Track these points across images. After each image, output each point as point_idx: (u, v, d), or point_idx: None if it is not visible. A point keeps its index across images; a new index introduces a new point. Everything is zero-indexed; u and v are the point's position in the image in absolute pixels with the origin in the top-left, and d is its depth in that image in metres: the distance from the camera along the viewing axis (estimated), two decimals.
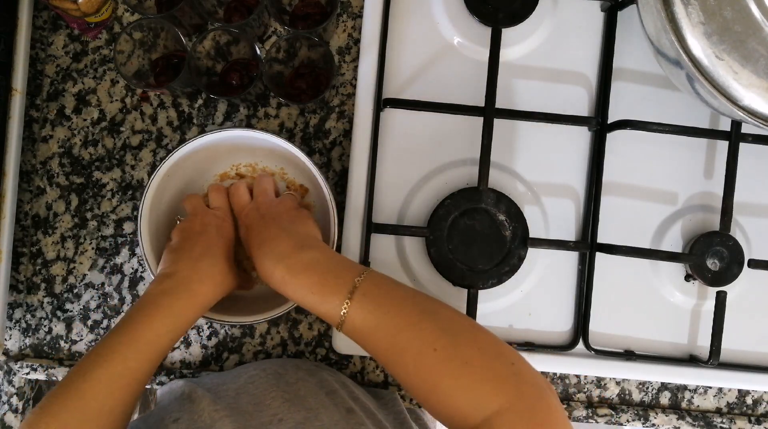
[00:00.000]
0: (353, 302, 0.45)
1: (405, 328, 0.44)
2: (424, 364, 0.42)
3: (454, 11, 0.64)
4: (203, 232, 0.54)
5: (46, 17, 0.65)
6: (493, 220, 0.61)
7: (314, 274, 0.47)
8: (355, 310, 0.45)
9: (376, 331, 0.45)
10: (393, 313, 0.45)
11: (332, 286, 0.46)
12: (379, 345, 0.45)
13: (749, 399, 0.67)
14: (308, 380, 0.54)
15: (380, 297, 0.46)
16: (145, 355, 0.46)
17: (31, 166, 0.65)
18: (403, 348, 0.44)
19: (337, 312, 0.45)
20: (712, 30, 0.48)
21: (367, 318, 0.45)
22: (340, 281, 0.47)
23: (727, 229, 0.62)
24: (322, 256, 0.49)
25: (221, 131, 0.57)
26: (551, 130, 0.64)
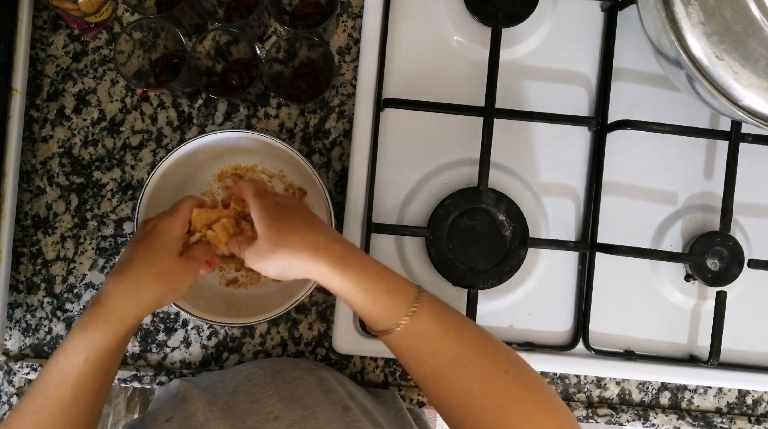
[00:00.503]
0: (423, 303, 0.43)
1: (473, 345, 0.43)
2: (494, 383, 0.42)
3: (454, 11, 0.64)
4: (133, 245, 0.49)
5: (46, 17, 0.65)
6: (493, 220, 0.61)
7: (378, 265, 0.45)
8: (425, 311, 0.43)
9: (443, 340, 0.43)
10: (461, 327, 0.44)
11: (400, 281, 0.45)
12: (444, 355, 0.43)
13: (749, 399, 0.67)
14: (306, 378, 0.53)
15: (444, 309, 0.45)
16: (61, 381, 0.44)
17: (31, 166, 0.65)
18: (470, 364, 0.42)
19: (404, 309, 0.43)
20: (712, 30, 0.48)
21: (436, 324, 0.43)
22: (405, 281, 0.45)
23: (727, 229, 0.62)
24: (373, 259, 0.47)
25: (220, 132, 0.56)
26: (551, 130, 0.64)
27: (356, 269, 0.44)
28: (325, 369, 0.58)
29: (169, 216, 0.50)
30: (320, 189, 0.56)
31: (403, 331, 0.43)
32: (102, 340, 0.45)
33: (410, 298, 0.43)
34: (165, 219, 0.50)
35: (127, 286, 0.46)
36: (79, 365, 0.44)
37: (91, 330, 0.45)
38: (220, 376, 0.55)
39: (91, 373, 0.45)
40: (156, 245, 0.48)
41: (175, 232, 0.50)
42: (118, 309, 0.46)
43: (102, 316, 0.45)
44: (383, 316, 0.44)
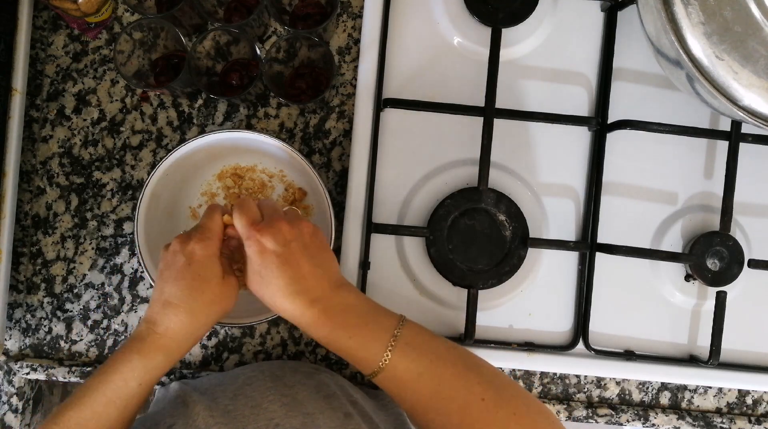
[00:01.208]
0: (396, 350, 0.45)
1: (450, 378, 0.44)
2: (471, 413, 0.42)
3: (454, 11, 0.64)
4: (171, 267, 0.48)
5: (46, 17, 0.65)
6: (493, 220, 0.61)
7: (352, 318, 0.47)
8: (398, 357, 0.45)
9: (418, 381, 0.44)
10: (437, 363, 0.45)
11: (372, 331, 0.46)
12: (422, 394, 0.44)
13: (749, 399, 0.67)
14: (306, 383, 0.53)
15: (422, 346, 0.46)
16: (112, 400, 0.45)
17: (31, 166, 0.65)
18: (448, 397, 0.43)
19: (377, 359, 0.45)
20: (712, 30, 0.48)
21: (410, 366, 0.44)
22: (380, 326, 0.46)
23: (727, 229, 0.62)
24: (358, 298, 0.48)
25: (220, 132, 0.56)
26: (551, 130, 0.64)
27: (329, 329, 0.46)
28: (325, 372, 0.58)
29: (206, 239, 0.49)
30: (320, 189, 0.56)
31: (382, 377, 0.45)
32: (158, 368, 0.47)
33: (382, 346, 0.45)
34: (203, 244, 0.48)
35: (183, 319, 0.47)
36: (132, 388, 0.46)
37: (149, 358, 0.46)
38: (219, 380, 0.55)
39: (140, 396, 0.47)
40: (203, 273, 0.48)
41: (217, 256, 0.49)
42: (177, 339, 0.47)
43: (161, 345, 0.47)
44: (360, 366, 0.46)
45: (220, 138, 0.57)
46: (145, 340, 0.47)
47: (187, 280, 0.48)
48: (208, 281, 0.48)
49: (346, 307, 0.47)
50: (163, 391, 0.57)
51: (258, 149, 0.60)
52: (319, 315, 0.46)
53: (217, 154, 0.61)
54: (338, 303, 0.47)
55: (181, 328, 0.47)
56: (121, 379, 0.46)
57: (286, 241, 0.47)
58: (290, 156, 0.57)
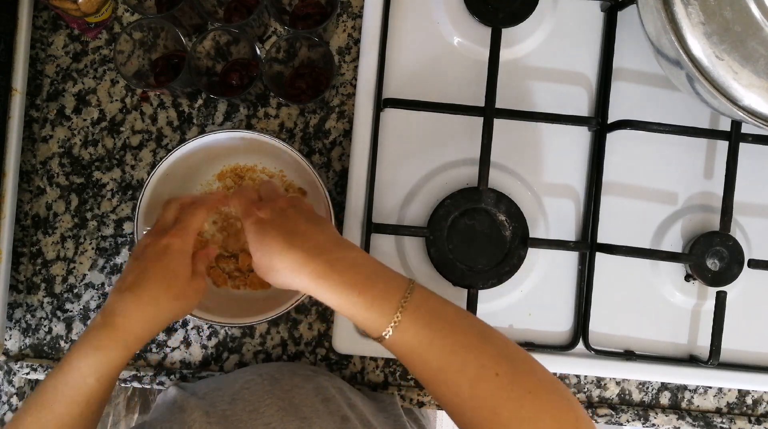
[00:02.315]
0: (407, 312, 0.42)
1: (462, 348, 0.41)
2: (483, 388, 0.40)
3: (454, 11, 0.64)
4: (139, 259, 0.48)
5: (46, 17, 0.65)
6: (493, 220, 0.61)
7: (360, 274, 0.43)
8: (408, 321, 0.42)
9: (429, 348, 0.42)
10: (449, 330, 0.42)
11: (382, 290, 0.43)
12: (431, 363, 0.42)
13: (749, 399, 0.67)
14: (304, 386, 0.53)
15: (434, 310, 0.43)
16: (72, 398, 0.44)
17: (31, 166, 0.65)
18: (459, 369, 0.41)
19: (386, 320, 0.42)
20: (712, 30, 0.48)
21: (421, 332, 0.42)
22: (390, 286, 0.43)
23: (727, 229, 0.62)
24: (365, 256, 0.46)
25: (220, 132, 0.56)
26: (551, 130, 0.64)
27: (336, 283, 0.43)
28: (323, 375, 0.57)
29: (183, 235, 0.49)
30: (320, 189, 0.56)
31: (391, 340, 0.42)
32: (117, 361, 0.45)
33: (393, 306, 0.42)
34: (178, 240, 0.49)
35: (145, 309, 0.46)
36: (91, 384, 0.44)
37: (106, 350, 0.45)
38: (217, 384, 0.55)
39: (101, 392, 0.45)
40: (173, 266, 0.48)
41: (190, 252, 0.49)
42: (136, 330, 0.46)
43: (119, 337, 0.45)
44: (369, 327, 0.43)
45: (220, 138, 0.57)
46: (101, 333, 0.45)
47: (157, 272, 0.47)
48: (177, 277, 0.48)
49: (353, 262, 0.44)
50: (162, 396, 0.57)
51: (258, 149, 0.60)
52: (324, 267, 0.43)
53: (216, 154, 0.61)
54: (343, 257, 0.44)
55: (141, 319, 0.46)
56: (79, 377, 0.44)
57: (281, 208, 0.47)
58: (290, 156, 0.57)
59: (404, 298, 0.42)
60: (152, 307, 0.46)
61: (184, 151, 0.56)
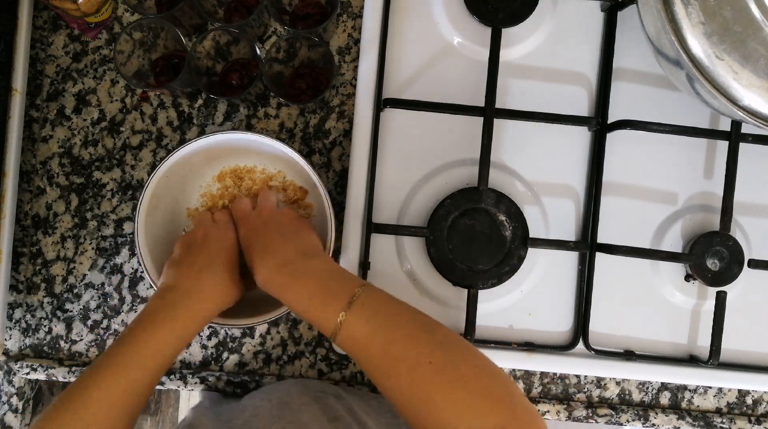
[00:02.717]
0: (351, 310, 0.45)
1: (401, 339, 0.44)
2: (418, 375, 0.42)
3: (454, 11, 0.64)
4: (205, 245, 0.54)
5: (46, 17, 0.65)
6: (493, 220, 0.61)
7: (316, 280, 0.48)
8: (352, 317, 0.45)
9: (371, 341, 0.45)
10: (390, 324, 0.45)
11: (333, 293, 0.47)
12: (373, 355, 0.45)
13: (749, 399, 0.67)
14: (312, 406, 0.53)
15: (378, 307, 0.46)
16: (148, 366, 0.47)
17: (31, 166, 0.65)
18: (397, 358, 0.43)
19: (334, 319, 0.45)
20: (712, 30, 0.48)
21: (364, 327, 0.45)
22: (340, 290, 0.47)
23: (727, 229, 0.62)
24: (324, 265, 0.50)
25: (219, 134, 0.56)
26: (551, 130, 0.64)
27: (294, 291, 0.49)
28: (332, 396, 0.57)
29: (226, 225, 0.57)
30: (320, 190, 0.56)
31: (340, 337, 0.46)
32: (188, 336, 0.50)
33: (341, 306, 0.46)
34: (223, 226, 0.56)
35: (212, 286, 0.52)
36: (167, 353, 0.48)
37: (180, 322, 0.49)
38: (228, 415, 0.55)
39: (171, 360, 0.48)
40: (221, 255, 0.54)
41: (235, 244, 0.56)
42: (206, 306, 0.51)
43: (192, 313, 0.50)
44: (321, 327, 0.47)
45: (220, 139, 0.57)
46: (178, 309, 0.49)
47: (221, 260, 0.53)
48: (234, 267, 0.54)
49: (311, 271, 0.49)
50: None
51: (257, 150, 0.60)
52: (286, 278, 0.49)
53: (216, 156, 0.61)
54: (305, 267, 0.49)
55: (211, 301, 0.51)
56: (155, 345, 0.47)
57: (264, 222, 0.55)
58: (289, 156, 0.57)
59: (351, 299, 0.46)
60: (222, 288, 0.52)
61: (184, 153, 0.56)
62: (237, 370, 0.64)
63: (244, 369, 0.64)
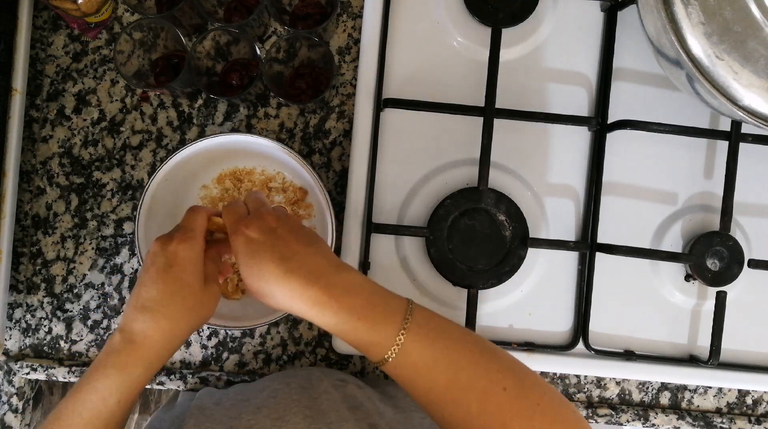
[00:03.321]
0: (409, 333, 0.41)
1: (468, 365, 0.41)
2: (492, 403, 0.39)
3: (454, 11, 0.64)
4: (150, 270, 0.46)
5: (46, 17, 0.65)
6: (493, 220, 0.61)
7: (359, 298, 0.42)
8: (411, 342, 0.41)
9: (434, 367, 0.41)
10: (453, 348, 0.41)
11: (383, 313, 0.42)
12: (437, 383, 0.41)
13: (749, 399, 0.67)
14: (332, 393, 0.51)
15: (436, 329, 0.42)
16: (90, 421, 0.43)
17: (31, 166, 0.65)
18: (466, 386, 0.40)
19: (389, 343, 0.41)
20: (712, 30, 0.48)
21: (425, 352, 0.41)
22: (389, 309, 0.42)
23: (727, 229, 0.62)
24: (361, 279, 0.44)
25: (219, 136, 0.56)
26: (551, 130, 0.64)
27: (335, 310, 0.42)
28: (352, 384, 0.55)
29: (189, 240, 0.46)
30: (318, 190, 0.56)
31: (394, 363, 0.41)
32: (138, 382, 0.44)
33: (395, 328, 0.41)
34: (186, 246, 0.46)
35: (163, 325, 0.44)
36: (112, 407, 0.43)
37: (129, 370, 0.43)
38: (245, 394, 0.53)
39: (121, 414, 0.44)
40: (184, 277, 0.45)
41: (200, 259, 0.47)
42: (157, 348, 0.44)
43: (142, 356, 0.44)
44: (371, 351, 0.42)
45: (219, 142, 0.57)
46: (122, 353, 0.44)
47: (168, 284, 0.45)
48: (190, 286, 0.46)
49: (351, 286, 0.43)
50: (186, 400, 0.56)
51: (257, 152, 0.60)
52: (321, 294, 0.42)
53: (216, 158, 0.61)
54: (341, 281, 0.43)
55: (160, 337, 0.44)
56: (99, 399, 0.43)
57: (270, 228, 0.45)
58: (289, 157, 0.57)
59: (406, 319, 0.42)
60: (169, 322, 0.45)
61: (184, 155, 0.56)
62: (237, 370, 0.64)
63: (244, 369, 0.64)
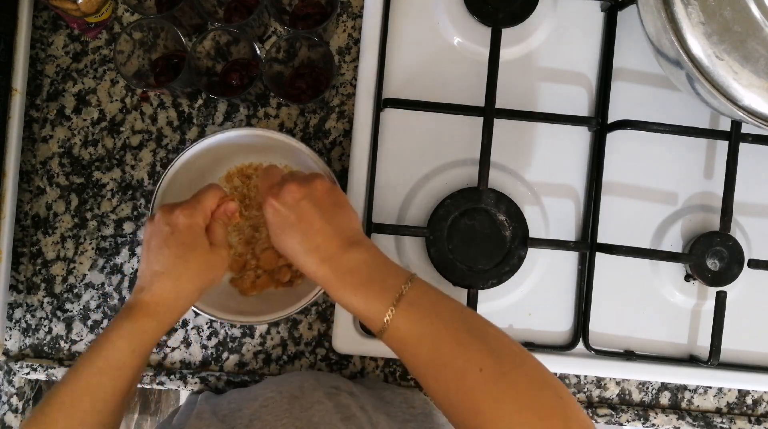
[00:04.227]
0: (398, 310, 0.44)
1: (450, 343, 0.43)
2: (466, 382, 0.41)
3: (454, 11, 0.64)
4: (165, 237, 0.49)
5: (46, 17, 0.65)
6: (493, 220, 0.61)
7: (359, 276, 0.46)
8: (399, 318, 0.44)
9: (419, 343, 0.43)
10: (439, 325, 0.44)
11: (378, 290, 0.45)
12: (420, 357, 0.43)
13: (749, 399, 0.67)
14: (325, 403, 0.52)
15: (426, 307, 0.45)
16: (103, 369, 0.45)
17: (31, 166, 0.65)
18: (445, 363, 0.42)
19: (381, 318, 0.44)
20: (712, 30, 0.48)
21: (412, 328, 0.44)
22: (385, 286, 0.45)
23: (727, 229, 0.62)
24: (369, 256, 0.47)
25: (221, 133, 0.56)
26: (551, 130, 0.64)
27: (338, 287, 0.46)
28: (346, 392, 0.56)
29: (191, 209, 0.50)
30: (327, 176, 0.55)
31: (386, 336, 0.45)
32: (150, 333, 0.47)
33: (386, 304, 0.44)
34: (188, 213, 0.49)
35: (168, 285, 0.48)
36: (125, 355, 0.46)
37: (141, 323, 0.46)
38: (239, 403, 0.54)
39: (135, 364, 0.47)
40: (188, 241, 0.49)
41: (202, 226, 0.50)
42: (167, 304, 0.48)
43: (152, 311, 0.47)
44: (368, 324, 0.46)
45: (223, 138, 0.56)
46: (133, 308, 0.47)
47: (172, 249, 0.48)
48: (193, 250, 0.49)
49: (355, 265, 0.47)
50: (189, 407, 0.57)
51: (262, 147, 0.59)
52: (328, 274, 0.46)
53: (222, 156, 0.60)
54: (347, 260, 0.47)
55: (168, 294, 0.48)
56: (111, 347, 0.45)
57: (296, 200, 0.48)
58: (293, 148, 0.56)
59: (397, 297, 0.44)
60: (175, 282, 0.48)
61: (189, 156, 0.56)
62: (237, 370, 0.64)
63: (244, 369, 0.64)
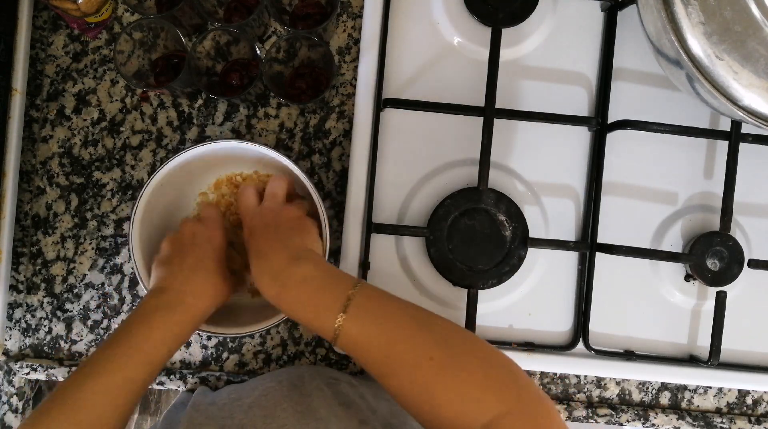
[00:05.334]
0: (347, 315, 0.45)
1: (400, 340, 0.44)
2: (419, 375, 0.42)
3: (454, 11, 0.64)
4: (193, 244, 0.53)
5: (46, 17, 0.65)
6: (493, 220, 0.61)
7: (307, 290, 0.47)
8: (349, 323, 0.45)
9: (369, 345, 0.44)
10: (387, 326, 0.45)
11: (326, 301, 0.46)
12: (374, 358, 0.44)
13: (749, 399, 0.67)
14: (324, 390, 0.53)
15: (374, 309, 0.46)
16: (142, 365, 0.46)
17: (31, 166, 0.65)
18: (397, 360, 0.43)
19: (331, 326, 0.45)
20: (712, 30, 0.48)
21: (362, 331, 0.44)
22: (333, 296, 0.46)
23: (727, 229, 0.62)
24: (315, 270, 0.48)
25: (210, 143, 0.55)
26: (551, 130, 0.64)
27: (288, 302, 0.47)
28: (345, 382, 0.57)
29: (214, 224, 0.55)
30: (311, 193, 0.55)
31: (340, 343, 0.45)
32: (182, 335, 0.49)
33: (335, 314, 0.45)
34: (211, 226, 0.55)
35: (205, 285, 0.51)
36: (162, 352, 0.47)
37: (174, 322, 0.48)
38: (238, 393, 0.55)
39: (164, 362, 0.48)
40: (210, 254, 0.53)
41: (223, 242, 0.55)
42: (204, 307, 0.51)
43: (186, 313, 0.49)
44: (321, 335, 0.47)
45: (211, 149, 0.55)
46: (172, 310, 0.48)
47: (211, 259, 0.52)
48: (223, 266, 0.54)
49: (303, 279, 0.47)
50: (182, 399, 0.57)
51: (254, 157, 0.59)
52: (279, 290, 0.47)
53: (212, 164, 0.60)
54: (294, 275, 0.47)
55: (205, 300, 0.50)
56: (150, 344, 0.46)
57: (265, 223, 0.52)
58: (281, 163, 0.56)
59: (346, 302, 0.45)
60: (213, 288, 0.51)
61: (179, 162, 0.55)
62: (237, 370, 0.64)
63: (244, 369, 0.64)
